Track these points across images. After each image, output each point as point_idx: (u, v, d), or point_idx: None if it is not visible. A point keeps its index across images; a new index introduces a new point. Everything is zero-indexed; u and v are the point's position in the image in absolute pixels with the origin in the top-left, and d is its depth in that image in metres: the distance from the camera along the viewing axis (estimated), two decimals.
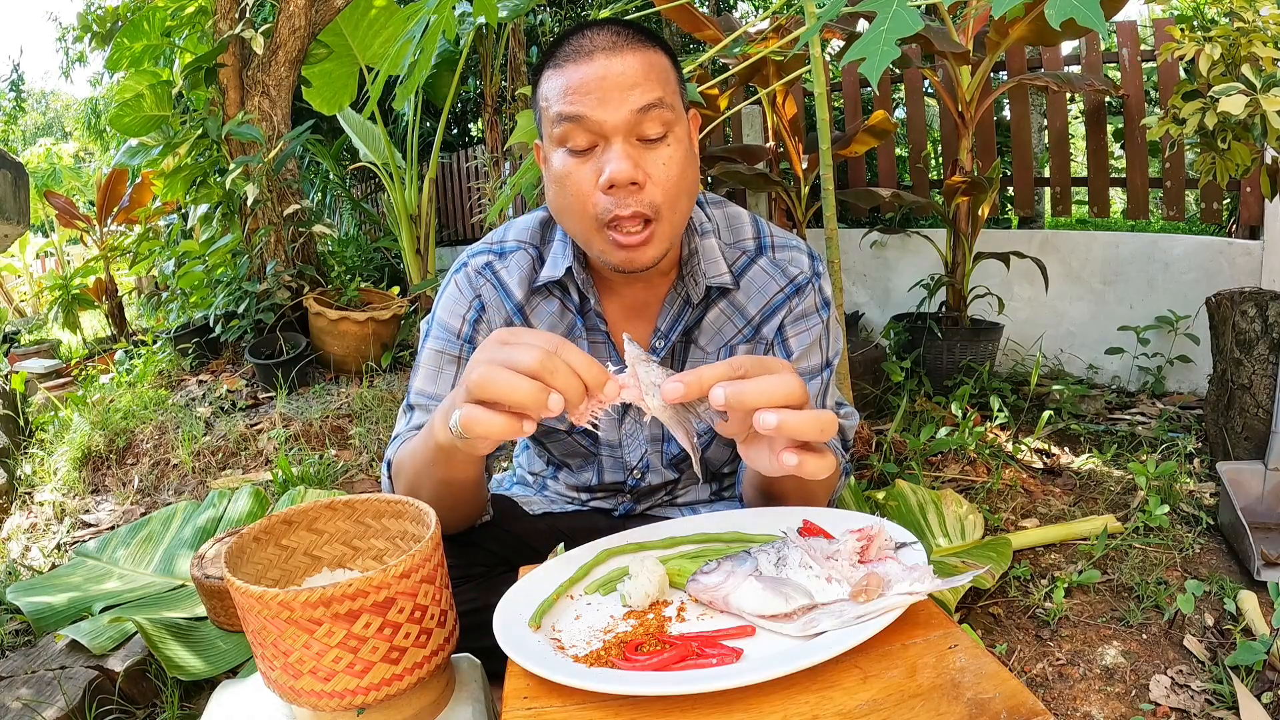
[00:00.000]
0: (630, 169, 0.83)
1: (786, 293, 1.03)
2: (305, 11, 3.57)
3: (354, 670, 0.63)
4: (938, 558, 1.63)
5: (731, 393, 0.62)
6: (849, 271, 3.59)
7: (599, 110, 0.84)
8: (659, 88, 0.85)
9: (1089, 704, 1.31)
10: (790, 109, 2.79)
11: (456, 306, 1.02)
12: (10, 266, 6.83)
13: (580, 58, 0.85)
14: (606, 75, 0.84)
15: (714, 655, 0.59)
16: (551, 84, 0.87)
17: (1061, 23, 0.73)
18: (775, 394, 0.62)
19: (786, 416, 0.61)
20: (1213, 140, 1.97)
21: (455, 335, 1.02)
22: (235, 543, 0.72)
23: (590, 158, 0.86)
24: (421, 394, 1.02)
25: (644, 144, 0.86)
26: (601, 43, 0.85)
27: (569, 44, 0.87)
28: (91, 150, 10.59)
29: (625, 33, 0.87)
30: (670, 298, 1.01)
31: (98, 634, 1.45)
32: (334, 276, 4.35)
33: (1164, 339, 2.76)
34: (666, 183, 0.86)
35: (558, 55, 0.87)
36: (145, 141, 3.95)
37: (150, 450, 2.80)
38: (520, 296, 1.02)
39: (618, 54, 0.85)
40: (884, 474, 2.09)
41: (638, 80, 0.84)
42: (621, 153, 0.84)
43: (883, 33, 0.81)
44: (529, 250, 1.03)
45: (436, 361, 1.02)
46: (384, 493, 1.00)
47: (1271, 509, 1.82)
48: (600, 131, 0.84)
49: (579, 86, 0.84)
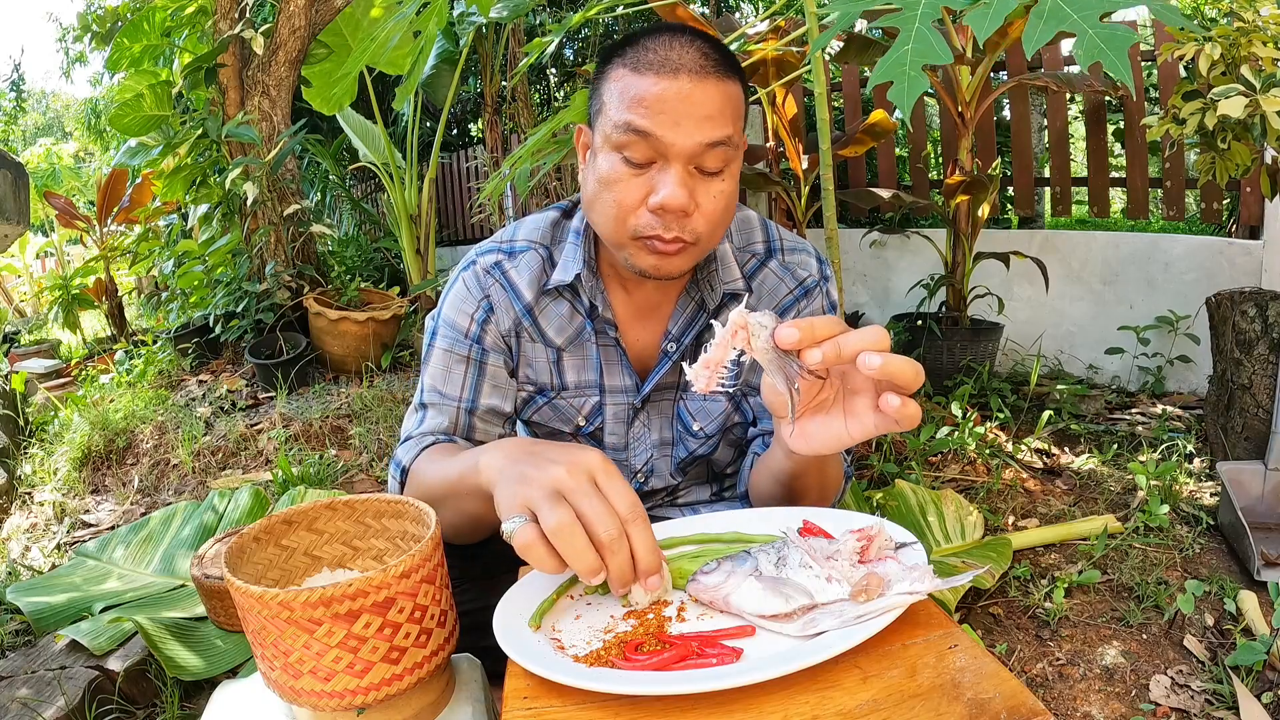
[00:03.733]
0: (686, 199, 0.83)
1: (795, 295, 1.04)
2: (305, 11, 3.57)
3: (354, 670, 0.63)
4: (938, 558, 1.63)
5: (832, 344, 0.63)
6: (849, 271, 3.59)
7: (670, 132, 0.82)
8: (730, 124, 0.84)
9: (1089, 704, 1.31)
10: (790, 109, 2.79)
11: (464, 305, 1.02)
12: (10, 266, 6.83)
13: (664, 71, 0.82)
14: (687, 99, 0.82)
15: (714, 655, 0.59)
16: (625, 84, 0.84)
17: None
18: (872, 340, 0.63)
19: (890, 357, 0.62)
20: (1213, 140, 1.97)
21: (463, 335, 1.02)
22: (235, 543, 0.72)
23: (645, 172, 0.85)
24: (434, 392, 1.01)
25: (700, 173, 0.85)
26: (690, 61, 0.83)
27: (654, 50, 0.84)
28: (91, 150, 10.59)
29: (713, 56, 0.84)
30: (683, 301, 1.01)
31: (98, 634, 1.45)
32: (334, 276, 4.35)
33: (1164, 339, 2.76)
34: (713, 215, 0.86)
35: (641, 58, 0.84)
36: (145, 141, 3.95)
37: (150, 450, 2.80)
38: (530, 298, 1.01)
39: (702, 80, 0.82)
40: (884, 474, 2.09)
41: (713, 113, 0.83)
42: (679, 179, 0.83)
43: (907, 53, 0.80)
44: (539, 251, 1.02)
45: (446, 361, 1.02)
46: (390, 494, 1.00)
47: (1271, 509, 1.82)
48: (663, 152, 0.83)
49: (655, 102, 0.82)
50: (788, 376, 0.65)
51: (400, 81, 1.46)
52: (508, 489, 0.67)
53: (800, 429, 0.71)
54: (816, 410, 0.71)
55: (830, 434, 0.70)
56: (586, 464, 0.65)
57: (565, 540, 0.61)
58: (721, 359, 0.65)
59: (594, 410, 1.06)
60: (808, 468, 0.83)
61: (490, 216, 4.70)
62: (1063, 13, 0.83)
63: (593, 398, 1.06)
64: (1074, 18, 0.82)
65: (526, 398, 1.07)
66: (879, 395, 0.66)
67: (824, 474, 0.88)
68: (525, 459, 0.69)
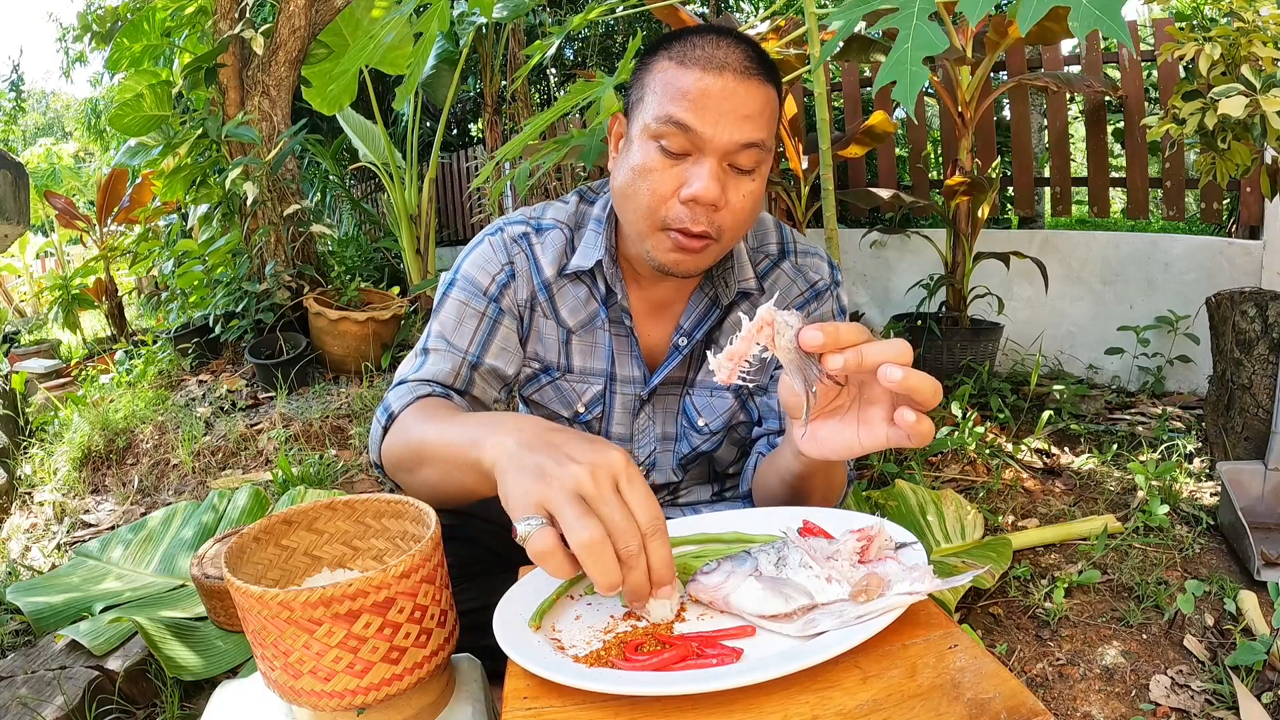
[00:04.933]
0: (719, 193, 0.85)
1: (806, 297, 1.05)
2: (305, 11, 3.57)
3: (354, 670, 0.63)
4: (938, 558, 1.63)
5: (854, 352, 0.63)
6: (849, 271, 3.59)
7: (710, 128, 0.84)
8: (765, 129, 0.87)
9: (1089, 704, 1.31)
10: (790, 109, 2.79)
11: (488, 265, 1.02)
12: (10, 266, 6.83)
13: (711, 67, 0.85)
14: (730, 97, 0.84)
15: (714, 655, 0.59)
16: (669, 77, 0.86)
17: (1071, 22, 0.72)
18: (895, 353, 0.63)
19: (911, 372, 0.62)
20: (1213, 140, 1.97)
21: (482, 292, 1.01)
22: (235, 543, 0.72)
23: (680, 163, 0.87)
24: (441, 339, 1.00)
25: (733, 170, 0.87)
26: (735, 61, 0.85)
27: (702, 46, 0.86)
28: (91, 150, 10.59)
29: (758, 60, 0.87)
30: (696, 297, 1.03)
31: (98, 634, 1.45)
32: (334, 276, 4.35)
33: (1164, 339, 2.76)
34: (740, 213, 0.88)
35: (688, 53, 0.86)
36: (145, 141, 3.95)
37: (150, 450, 2.80)
38: (550, 275, 1.03)
39: (746, 80, 0.85)
40: (884, 474, 2.09)
41: (753, 114, 0.85)
42: (714, 174, 0.85)
43: (908, 50, 0.80)
44: (564, 231, 1.04)
45: (460, 312, 1.01)
46: (373, 439, 0.97)
47: (1271, 509, 1.82)
48: (700, 146, 0.85)
49: (699, 97, 0.84)
50: (806, 379, 0.65)
51: (400, 81, 1.46)
52: (521, 482, 0.62)
53: (812, 432, 0.71)
54: (830, 415, 0.71)
55: (841, 440, 0.70)
56: (610, 466, 0.60)
57: (594, 556, 0.57)
58: (745, 352, 0.65)
59: (595, 398, 1.07)
60: (815, 470, 0.84)
61: (490, 216, 4.70)
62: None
63: (595, 385, 1.06)
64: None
65: (531, 374, 1.07)
66: (894, 408, 0.66)
67: (830, 477, 0.89)
68: (543, 449, 0.64)
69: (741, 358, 0.65)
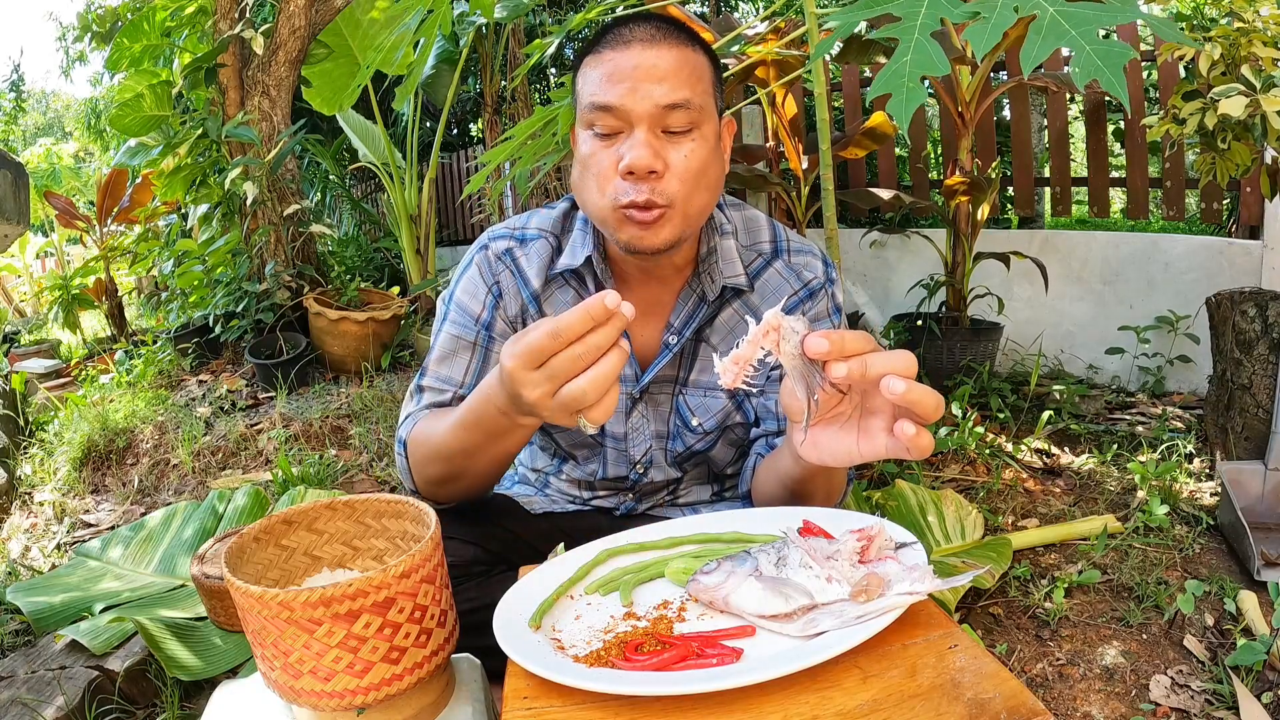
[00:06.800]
0: (650, 158, 0.86)
1: (800, 296, 1.05)
2: (305, 11, 3.57)
3: (354, 670, 0.63)
4: (938, 558, 1.63)
5: (858, 361, 0.64)
6: (849, 272, 3.59)
7: (627, 99, 0.86)
8: (687, 87, 0.87)
9: (1089, 704, 1.31)
10: (790, 109, 2.79)
11: (477, 291, 1.05)
12: (10, 266, 6.83)
13: (618, 46, 0.88)
14: (639, 65, 0.86)
15: (714, 655, 0.59)
16: (588, 71, 0.91)
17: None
18: (899, 365, 0.64)
19: (914, 385, 0.63)
20: (1213, 140, 1.97)
21: (474, 320, 1.04)
22: (235, 543, 0.72)
23: (614, 143, 0.88)
24: (435, 376, 1.04)
25: (668, 135, 0.88)
26: (640, 34, 0.88)
27: (611, 33, 0.90)
28: (91, 150, 10.59)
29: (665, 28, 0.89)
30: (685, 294, 1.03)
31: (98, 634, 1.45)
32: (334, 276, 4.35)
33: (1164, 339, 2.76)
34: (685, 174, 0.88)
35: (599, 44, 0.90)
36: (145, 141, 3.95)
37: (150, 450, 2.80)
38: (537, 285, 1.04)
39: (653, 46, 0.87)
40: (884, 474, 2.09)
41: (668, 75, 0.86)
42: (643, 141, 0.86)
43: (906, 64, 0.80)
44: (549, 239, 1.05)
45: (452, 345, 1.04)
46: (400, 471, 1.04)
47: (1271, 509, 1.82)
48: (627, 119, 0.87)
49: (612, 75, 0.87)
50: (809, 385, 0.66)
51: (400, 81, 1.46)
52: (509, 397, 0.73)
53: (812, 438, 0.71)
54: (831, 422, 0.71)
55: (841, 448, 0.71)
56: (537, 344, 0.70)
57: (588, 394, 0.68)
58: (750, 356, 0.66)
59: None
60: (814, 474, 0.84)
61: (490, 217, 4.70)
62: (1061, 29, 0.83)
63: None
64: (1072, 34, 0.82)
65: None
66: (895, 419, 0.66)
67: (830, 481, 0.89)
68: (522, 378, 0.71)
69: (746, 362, 0.66)
